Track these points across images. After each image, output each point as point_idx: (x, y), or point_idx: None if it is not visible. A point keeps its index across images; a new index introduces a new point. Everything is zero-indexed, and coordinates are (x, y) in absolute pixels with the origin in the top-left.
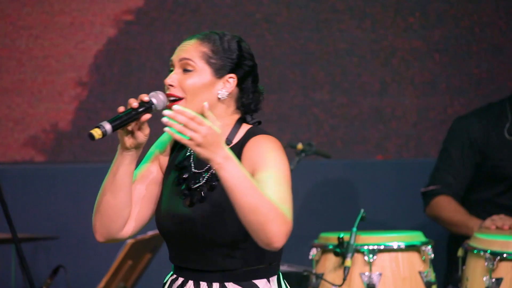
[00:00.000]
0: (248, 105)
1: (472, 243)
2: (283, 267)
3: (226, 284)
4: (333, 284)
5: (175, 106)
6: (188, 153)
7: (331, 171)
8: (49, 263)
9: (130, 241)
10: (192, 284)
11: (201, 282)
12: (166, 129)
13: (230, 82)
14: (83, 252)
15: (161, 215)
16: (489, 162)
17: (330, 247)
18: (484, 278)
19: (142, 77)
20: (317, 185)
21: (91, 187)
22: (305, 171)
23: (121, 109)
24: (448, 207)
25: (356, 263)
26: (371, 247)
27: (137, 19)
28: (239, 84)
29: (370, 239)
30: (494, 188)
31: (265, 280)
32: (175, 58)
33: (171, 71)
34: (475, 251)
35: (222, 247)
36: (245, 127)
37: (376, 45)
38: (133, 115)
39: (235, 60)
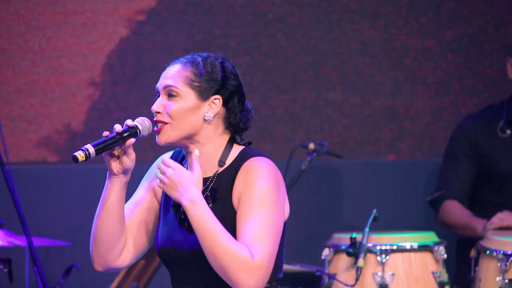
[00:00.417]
0: (236, 125)
1: (485, 243)
2: (296, 267)
3: None
4: (345, 284)
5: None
6: None
7: (344, 171)
8: (62, 263)
9: None
10: None
11: None
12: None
13: (215, 104)
14: None
15: (162, 244)
16: (482, 160)
17: (343, 247)
18: (497, 279)
19: (154, 77)
20: (330, 185)
21: (104, 187)
22: (317, 171)
23: (106, 133)
24: (453, 211)
25: (369, 263)
26: (383, 247)
27: (150, 19)
28: (225, 104)
29: (383, 239)
30: (487, 186)
31: None
32: (159, 86)
33: (158, 96)
34: (488, 252)
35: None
36: (237, 148)
37: (389, 45)
38: (117, 139)
39: (219, 82)
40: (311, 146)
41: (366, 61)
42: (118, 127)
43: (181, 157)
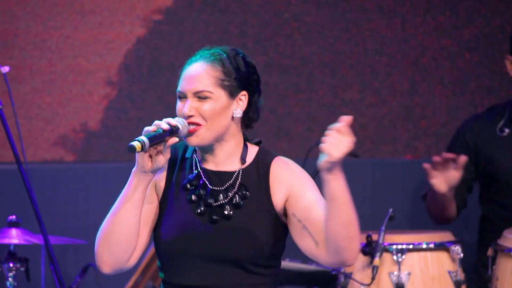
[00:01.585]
0: (252, 118)
1: (503, 242)
2: (312, 266)
3: None
4: (361, 284)
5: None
6: (196, 171)
7: (360, 170)
8: (78, 262)
9: None
10: None
11: None
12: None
13: (242, 100)
14: None
15: (175, 235)
16: (483, 160)
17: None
18: None
19: (171, 77)
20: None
21: (120, 186)
22: None
23: (151, 128)
24: (429, 197)
25: (385, 262)
26: (399, 247)
27: (166, 18)
28: (249, 99)
29: (399, 239)
30: (492, 186)
31: None
32: (188, 89)
33: (181, 97)
34: (506, 251)
35: (242, 265)
36: (252, 147)
37: (406, 44)
38: (164, 136)
39: (245, 78)
40: None
41: (382, 61)
42: (164, 125)
43: (183, 149)
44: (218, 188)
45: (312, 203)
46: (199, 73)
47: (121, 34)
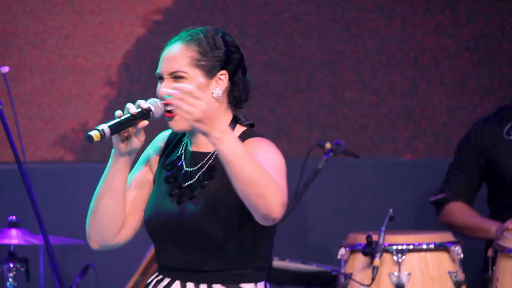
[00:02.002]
0: (239, 97)
1: (503, 243)
2: (312, 267)
3: (214, 285)
4: (361, 284)
5: (177, 85)
6: (180, 153)
7: (360, 170)
8: (78, 262)
9: None
10: (179, 284)
11: (188, 283)
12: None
13: (222, 79)
14: (112, 251)
15: (149, 214)
16: (491, 164)
17: (359, 247)
18: None
19: None
20: (346, 184)
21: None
22: (333, 170)
23: (120, 113)
24: (462, 212)
25: (385, 263)
26: (399, 247)
27: (166, 18)
28: (231, 79)
29: (399, 239)
30: (501, 189)
31: (252, 284)
32: (163, 70)
33: (160, 78)
34: (506, 251)
35: (211, 246)
36: (239, 128)
37: (406, 44)
38: (130, 121)
39: (223, 57)
40: (328, 145)
41: (382, 60)
42: (132, 109)
43: (179, 135)
44: (192, 169)
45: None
46: (174, 53)
47: (121, 34)
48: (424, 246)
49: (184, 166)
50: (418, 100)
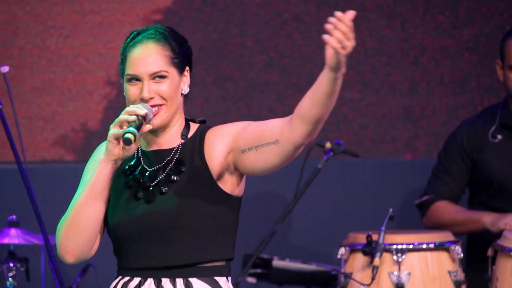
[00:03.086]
0: (187, 93)
1: (503, 242)
2: (312, 266)
3: (190, 279)
4: (361, 284)
5: (349, 14)
6: (135, 157)
7: (360, 170)
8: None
9: None
10: (153, 282)
11: (163, 279)
12: (326, 36)
13: (186, 76)
14: (112, 251)
15: (117, 220)
16: (478, 167)
17: (359, 246)
18: None
19: None
20: (346, 184)
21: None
22: (333, 170)
23: (132, 118)
24: (448, 210)
25: (385, 262)
26: (399, 247)
27: (166, 18)
28: (190, 74)
29: (399, 239)
30: (487, 191)
31: (224, 278)
32: (143, 73)
33: (133, 79)
34: (505, 251)
35: (187, 240)
36: (194, 125)
37: (406, 43)
38: (142, 124)
39: (186, 53)
40: (328, 145)
41: (382, 60)
42: (141, 111)
43: None
44: (157, 167)
45: (259, 124)
46: (151, 54)
47: (121, 34)
48: (424, 246)
49: (147, 167)
50: (418, 100)
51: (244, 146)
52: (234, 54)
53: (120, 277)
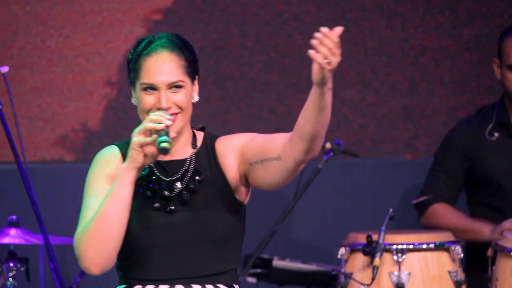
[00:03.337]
0: (196, 100)
1: (503, 243)
2: (312, 266)
3: (207, 286)
4: (361, 284)
5: (337, 30)
6: (148, 168)
7: (360, 170)
8: (78, 262)
9: None
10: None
11: (193, 285)
12: (311, 52)
13: (195, 85)
14: None
15: (136, 231)
16: (475, 165)
17: (359, 246)
18: None
19: None
20: (346, 184)
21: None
22: (333, 170)
23: (161, 126)
24: (448, 214)
25: (385, 262)
26: (400, 247)
27: (166, 18)
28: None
29: (399, 239)
30: (484, 190)
31: (237, 285)
32: (160, 82)
33: (149, 88)
34: (505, 251)
35: (209, 248)
36: (198, 133)
37: (406, 44)
38: (168, 133)
39: (196, 61)
40: (328, 145)
41: (382, 60)
42: (168, 121)
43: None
44: (175, 177)
45: (264, 138)
46: (167, 63)
47: (121, 34)
48: (424, 246)
49: (163, 177)
50: (418, 100)
51: (252, 159)
52: (234, 54)
53: (125, 286)
